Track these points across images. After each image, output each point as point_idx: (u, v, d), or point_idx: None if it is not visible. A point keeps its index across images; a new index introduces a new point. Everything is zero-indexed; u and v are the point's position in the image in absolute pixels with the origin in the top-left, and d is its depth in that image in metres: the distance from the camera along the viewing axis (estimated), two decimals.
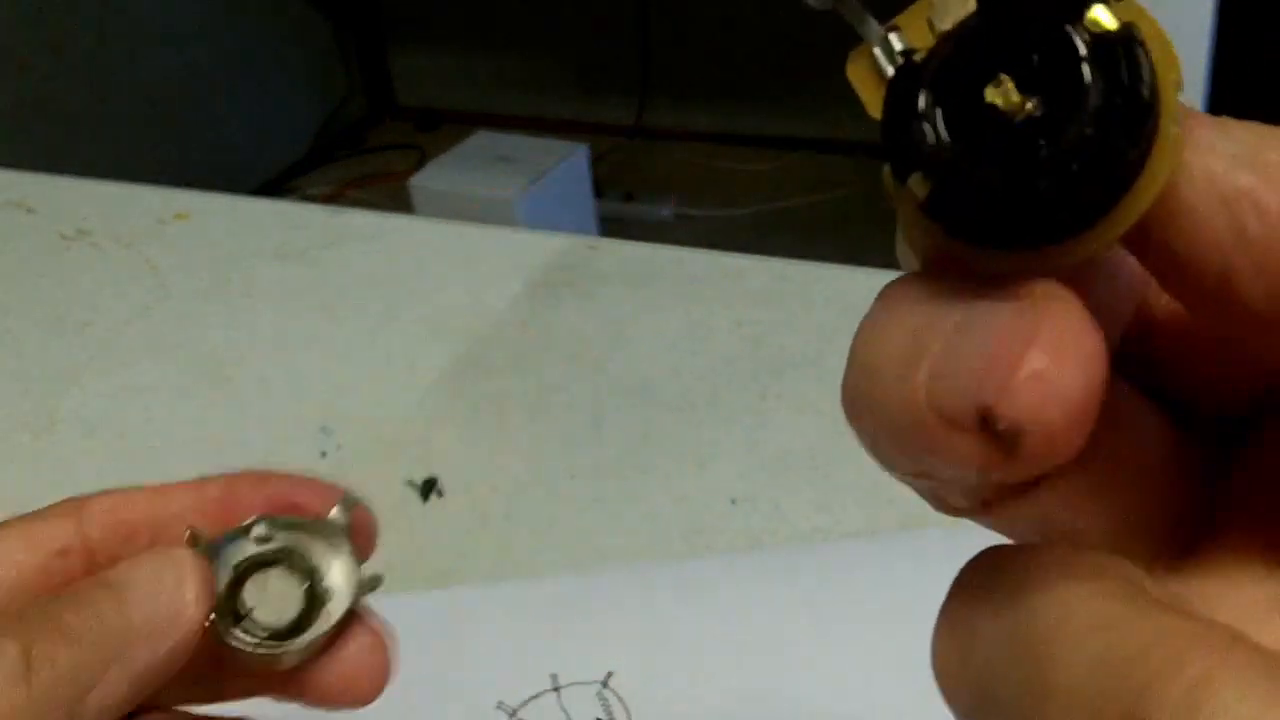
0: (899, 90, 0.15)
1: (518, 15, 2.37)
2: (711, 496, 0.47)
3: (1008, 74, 0.14)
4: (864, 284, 0.57)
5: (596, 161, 1.99)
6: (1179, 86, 0.14)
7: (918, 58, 0.15)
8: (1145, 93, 0.14)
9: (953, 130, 0.14)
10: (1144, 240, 0.15)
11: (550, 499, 0.48)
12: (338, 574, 0.26)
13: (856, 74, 0.16)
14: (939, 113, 0.14)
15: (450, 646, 0.42)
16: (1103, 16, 0.14)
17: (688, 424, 0.51)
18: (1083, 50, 0.14)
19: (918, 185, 0.15)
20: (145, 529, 0.26)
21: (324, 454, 0.51)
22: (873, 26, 0.16)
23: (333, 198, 2.21)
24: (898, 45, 0.15)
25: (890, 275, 0.17)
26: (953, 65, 0.15)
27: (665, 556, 0.45)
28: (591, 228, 1.82)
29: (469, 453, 0.51)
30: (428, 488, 0.49)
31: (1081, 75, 0.14)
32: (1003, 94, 0.14)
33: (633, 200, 2.13)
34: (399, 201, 1.99)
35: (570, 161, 1.77)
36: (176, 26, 2.07)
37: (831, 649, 0.41)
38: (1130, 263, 0.16)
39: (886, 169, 0.16)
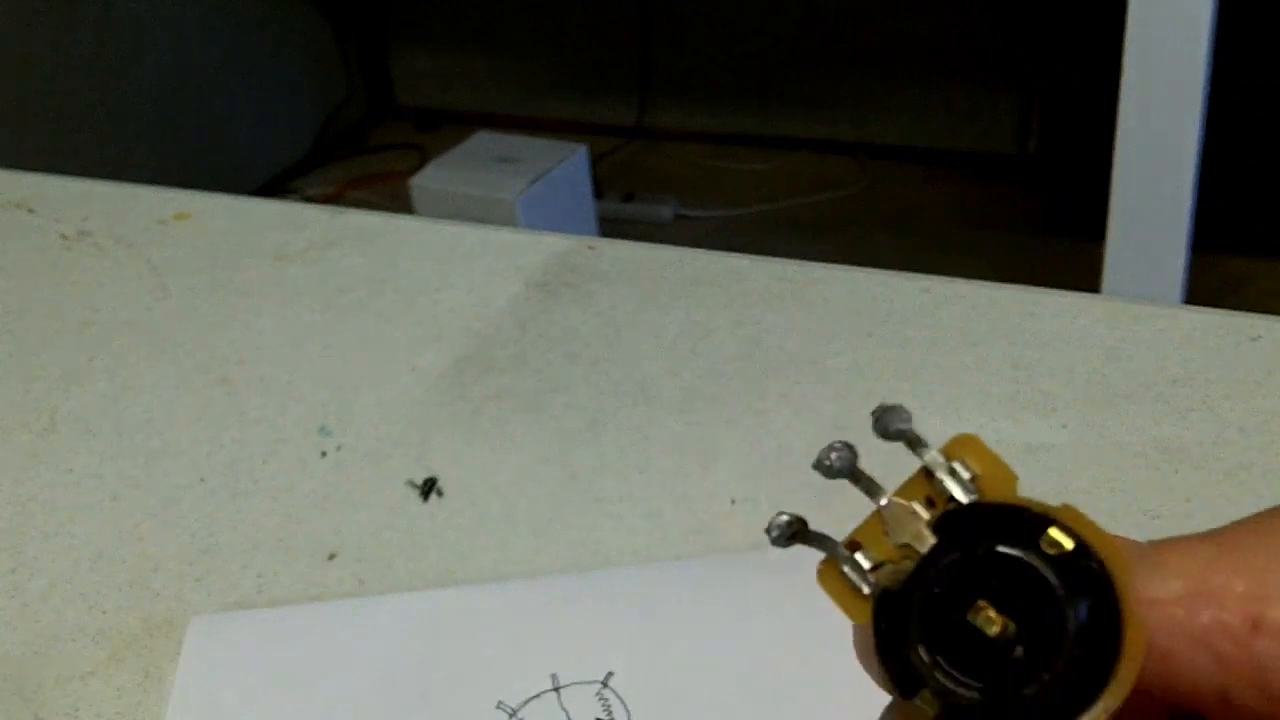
0: (888, 616, 0.17)
1: (518, 16, 2.37)
2: (711, 496, 0.47)
3: (985, 598, 0.16)
4: (864, 284, 0.57)
5: (597, 162, 1.99)
6: (1124, 563, 0.16)
7: (885, 573, 0.17)
8: (1113, 603, 0.16)
9: (949, 658, 0.16)
10: (1148, 694, 0.16)
11: (550, 499, 0.48)
12: None
13: (829, 584, 0.18)
14: (940, 649, 0.17)
15: (450, 646, 0.42)
16: (1059, 536, 0.16)
17: (688, 424, 0.51)
18: (1053, 580, 0.16)
19: (927, 703, 0.17)
20: None
21: (324, 454, 0.51)
22: (836, 544, 0.18)
23: (333, 198, 2.21)
24: (864, 562, 0.18)
25: (890, 275, 0.18)
26: (932, 595, 0.17)
27: (665, 556, 0.45)
28: (591, 228, 1.82)
29: (469, 453, 0.51)
30: (428, 488, 0.49)
31: (1060, 605, 0.16)
32: (985, 619, 0.16)
33: (633, 200, 2.13)
34: (399, 202, 1.99)
35: (570, 162, 1.77)
36: (178, 27, 2.07)
37: (832, 649, 0.41)
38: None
39: (883, 675, 0.17)
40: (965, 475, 0.17)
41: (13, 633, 0.44)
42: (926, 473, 0.17)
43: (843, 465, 0.18)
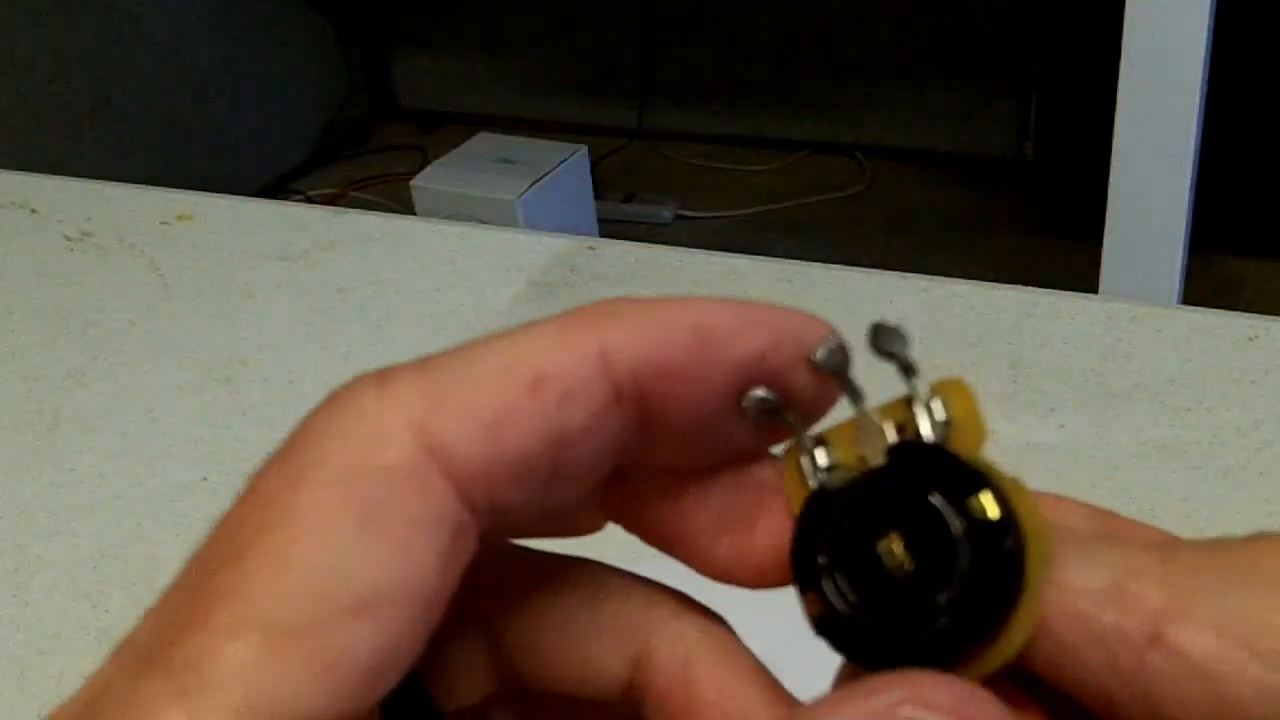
0: (812, 515, 0.18)
1: (519, 18, 2.37)
2: None
3: (899, 528, 0.17)
4: (864, 284, 0.57)
5: (597, 163, 1.99)
6: (1048, 559, 0.16)
7: (836, 477, 0.18)
8: (1016, 579, 0.16)
9: (848, 574, 0.17)
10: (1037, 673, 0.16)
11: None
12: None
13: (786, 469, 0.19)
14: (839, 561, 0.17)
15: None
16: (987, 504, 0.16)
17: None
18: (960, 542, 0.16)
19: (811, 604, 0.17)
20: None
21: None
22: (804, 434, 0.18)
23: (335, 199, 2.21)
24: (822, 460, 0.18)
25: (889, 275, 0.18)
26: (858, 509, 0.17)
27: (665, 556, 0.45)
28: (592, 229, 1.82)
29: None
30: None
31: (957, 566, 0.16)
32: (889, 550, 0.17)
33: (633, 201, 2.14)
34: (401, 202, 1.99)
35: (571, 163, 1.77)
36: (180, 28, 2.08)
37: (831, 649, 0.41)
38: None
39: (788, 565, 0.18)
40: (939, 417, 0.17)
41: (16, 631, 0.45)
42: (907, 401, 0.18)
43: (834, 364, 0.18)
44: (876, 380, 0.18)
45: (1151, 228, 1.21)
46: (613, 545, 0.22)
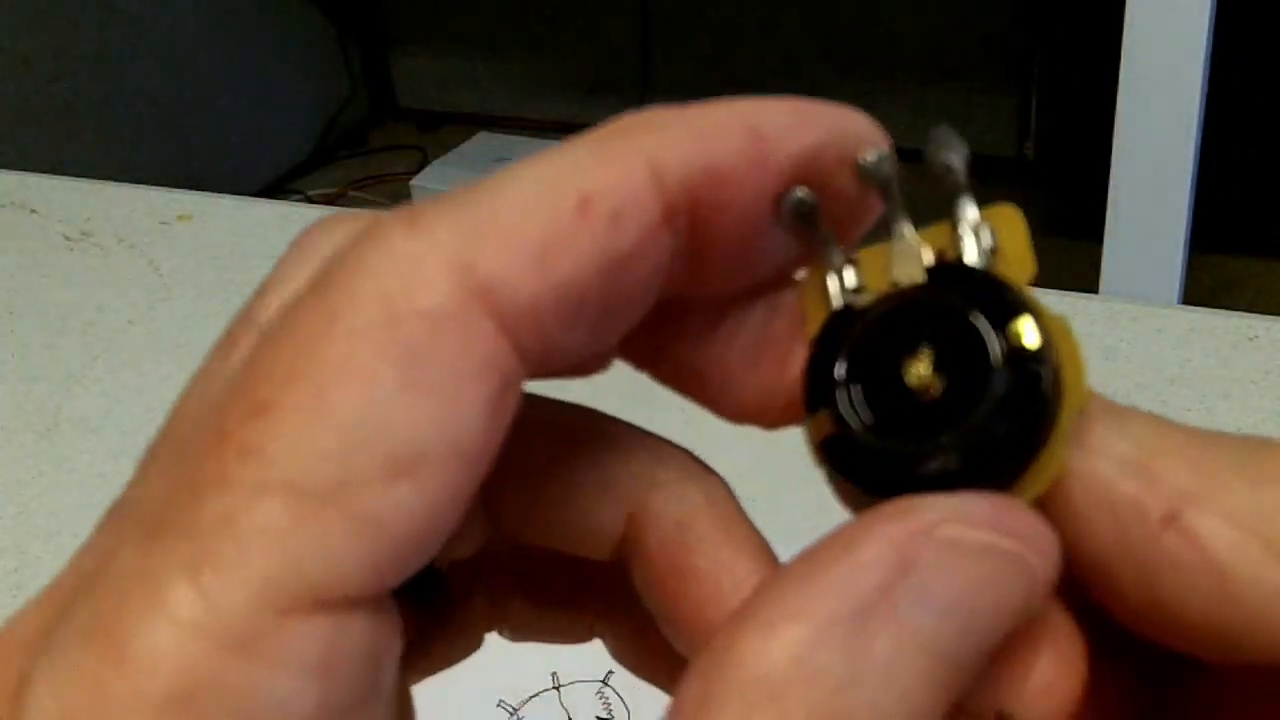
0: (833, 331, 0.16)
1: (519, 17, 2.37)
2: None
3: (929, 347, 0.15)
4: None
5: None
6: (1082, 408, 0.15)
7: (863, 299, 0.16)
8: (1044, 421, 0.15)
9: (867, 391, 0.15)
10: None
11: None
12: None
13: (809, 289, 0.17)
14: (859, 376, 0.16)
15: None
16: (1027, 331, 0.15)
17: (687, 422, 0.51)
18: (997, 358, 0.15)
19: (820, 425, 0.16)
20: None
21: None
22: (835, 251, 0.16)
23: (335, 199, 2.21)
24: (850, 280, 0.16)
25: None
26: (886, 324, 0.16)
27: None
28: None
29: None
30: None
31: (987, 389, 0.15)
32: (917, 371, 0.15)
33: None
34: (401, 203, 1.98)
35: None
36: (179, 27, 2.08)
37: None
38: None
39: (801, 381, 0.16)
40: (987, 244, 0.16)
41: None
42: (954, 225, 0.16)
43: (881, 173, 0.16)
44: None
45: (1152, 227, 1.21)
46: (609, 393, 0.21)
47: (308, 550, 0.13)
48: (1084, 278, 1.34)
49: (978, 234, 0.16)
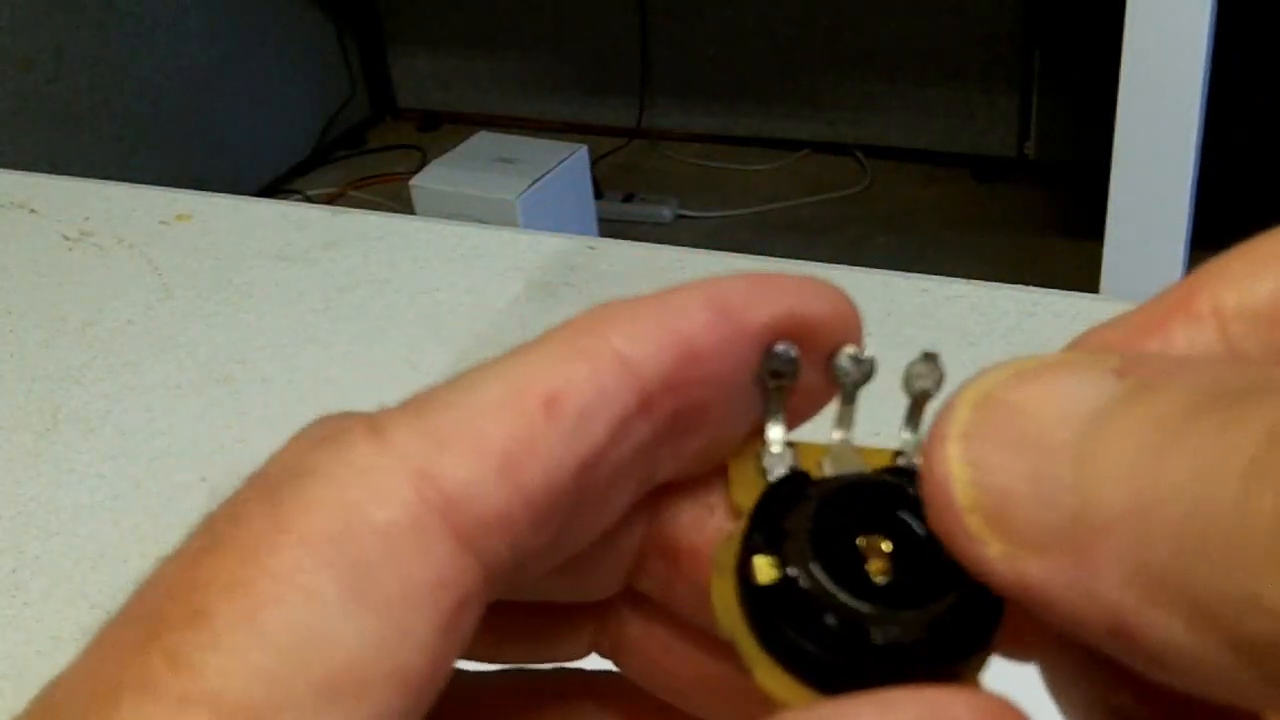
0: (786, 488, 0.16)
1: (519, 17, 2.37)
2: None
3: (887, 535, 0.15)
4: (864, 284, 0.57)
5: (597, 162, 1.99)
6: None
7: (812, 475, 0.16)
8: (987, 627, 0.15)
9: (818, 552, 0.15)
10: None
11: None
12: None
13: (741, 457, 0.17)
14: (811, 538, 0.15)
15: None
16: None
17: None
18: (947, 570, 0.14)
19: (764, 569, 0.15)
20: None
21: None
22: (780, 426, 0.16)
23: (334, 198, 2.21)
24: (788, 460, 0.16)
25: (889, 275, 0.17)
26: (845, 499, 0.15)
27: None
28: (591, 228, 1.82)
29: None
30: None
31: (941, 589, 0.15)
32: (873, 548, 0.15)
33: (633, 201, 2.14)
34: (400, 202, 1.99)
35: (570, 162, 1.77)
36: (179, 27, 2.08)
37: None
38: None
39: (724, 550, 0.16)
40: None
41: (15, 632, 0.44)
42: (895, 454, 0.16)
43: (852, 377, 0.16)
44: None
45: (1152, 227, 1.21)
46: None
47: None
48: (1084, 278, 1.34)
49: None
